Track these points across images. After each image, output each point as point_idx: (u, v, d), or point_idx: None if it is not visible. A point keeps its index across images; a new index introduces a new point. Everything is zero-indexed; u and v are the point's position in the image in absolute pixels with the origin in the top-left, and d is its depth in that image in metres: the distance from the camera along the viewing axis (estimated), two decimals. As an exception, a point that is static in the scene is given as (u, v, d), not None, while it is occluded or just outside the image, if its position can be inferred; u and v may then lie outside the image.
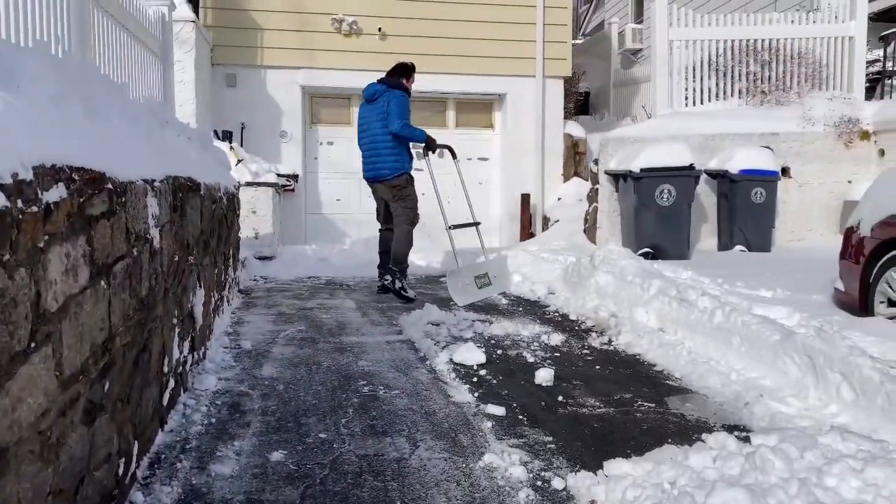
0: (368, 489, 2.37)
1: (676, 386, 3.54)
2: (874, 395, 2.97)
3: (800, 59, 8.82)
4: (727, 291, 4.92)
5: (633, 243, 7.15)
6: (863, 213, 4.57)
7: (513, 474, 2.48)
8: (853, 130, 8.31)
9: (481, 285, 5.47)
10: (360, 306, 5.61)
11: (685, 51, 8.76)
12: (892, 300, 4.21)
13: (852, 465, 2.11)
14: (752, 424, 2.98)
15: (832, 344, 3.34)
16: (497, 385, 3.54)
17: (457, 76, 9.29)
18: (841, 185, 8.34)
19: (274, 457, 2.60)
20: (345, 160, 9.44)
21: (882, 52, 9.67)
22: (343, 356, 4.02)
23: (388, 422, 2.99)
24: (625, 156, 7.49)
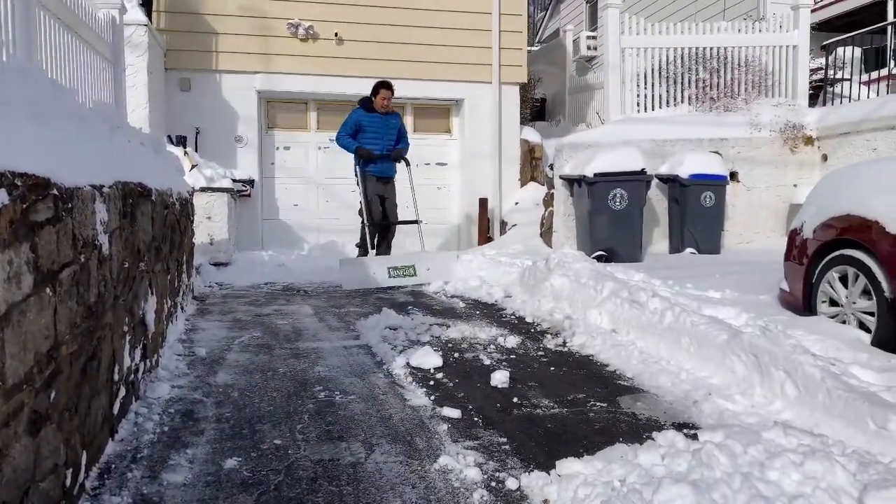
0: (323, 494, 2.37)
1: (628, 386, 3.61)
2: (816, 392, 3.08)
3: (747, 67, 9.08)
4: (677, 293, 5.03)
5: (587, 246, 7.27)
6: (806, 216, 4.73)
7: (468, 476, 2.51)
8: (798, 136, 8.59)
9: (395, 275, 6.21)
10: (317, 312, 5.58)
11: (637, 58, 8.94)
12: (833, 300, 4.36)
13: (793, 459, 2.19)
14: (701, 422, 3.06)
15: (777, 343, 3.45)
16: (453, 388, 3.56)
17: (415, 81, 9.33)
18: (787, 188, 8.61)
19: (228, 464, 2.58)
20: (302, 165, 9.40)
21: (824, 60, 10.01)
22: (299, 362, 4.00)
23: (343, 427, 2.99)
24: (579, 161, 7.61)
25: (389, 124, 7.42)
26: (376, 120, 7.31)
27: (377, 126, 7.31)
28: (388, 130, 7.40)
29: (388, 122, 7.41)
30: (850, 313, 4.19)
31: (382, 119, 7.35)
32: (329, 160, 9.48)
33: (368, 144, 7.20)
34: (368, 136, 7.26)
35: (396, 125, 7.55)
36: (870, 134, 7.84)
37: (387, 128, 7.38)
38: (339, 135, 7.34)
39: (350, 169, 9.40)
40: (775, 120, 8.61)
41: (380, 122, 7.33)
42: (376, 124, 7.31)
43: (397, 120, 7.63)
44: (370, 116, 7.30)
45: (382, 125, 7.34)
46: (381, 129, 7.33)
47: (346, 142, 7.25)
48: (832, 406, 2.97)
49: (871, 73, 9.93)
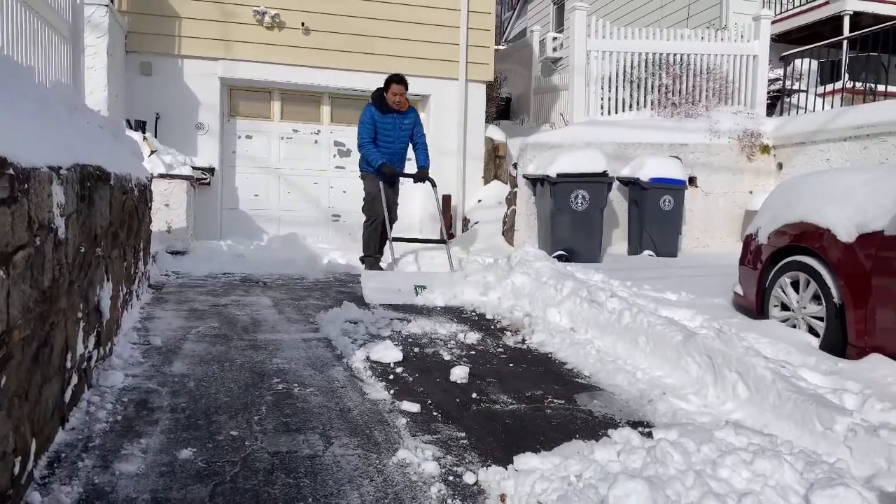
0: (280, 486, 2.35)
1: (585, 384, 3.67)
2: (766, 393, 3.16)
3: (708, 75, 9.28)
4: (635, 294, 5.12)
5: (548, 246, 7.34)
6: (761, 222, 4.85)
7: (426, 470, 2.51)
8: (755, 144, 8.80)
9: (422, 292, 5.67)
10: (276, 304, 5.52)
11: (602, 61, 9.06)
12: (785, 304, 4.49)
13: (743, 458, 2.25)
14: (656, 420, 3.12)
15: (730, 345, 3.54)
16: (413, 382, 3.57)
17: (381, 75, 9.24)
18: (743, 195, 8.82)
19: (183, 454, 2.54)
20: (264, 155, 9.29)
21: (782, 71, 10.27)
22: (257, 353, 3.96)
23: (301, 419, 2.97)
24: (542, 161, 7.68)
25: (403, 126, 6.84)
26: (389, 122, 6.76)
27: (389, 129, 6.78)
28: (401, 133, 6.86)
29: (401, 123, 6.82)
30: (800, 318, 4.32)
31: (395, 120, 6.79)
32: (292, 151, 9.39)
33: (380, 149, 6.73)
34: (382, 141, 6.76)
35: (410, 125, 6.89)
36: (823, 144, 8.08)
37: (399, 130, 6.83)
38: (360, 140, 6.76)
39: (314, 160, 9.41)
40: (734, 127, 8.81)
41: (392, 125, 6.78)
42: (389, 126, 6.77)
43: (412, 118, 6.94)
44: (384, 118, 6.74)
45: (395, 128, 6.80)
46: (393, 131, 6.81)
47: (371, 151, 6.68)
48: (782, 407, 3.05)
49: (827, 86, 10.23)
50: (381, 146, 6.74)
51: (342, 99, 9.58)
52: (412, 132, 6.92)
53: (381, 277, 6.01)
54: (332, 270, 7.44)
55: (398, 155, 6.89)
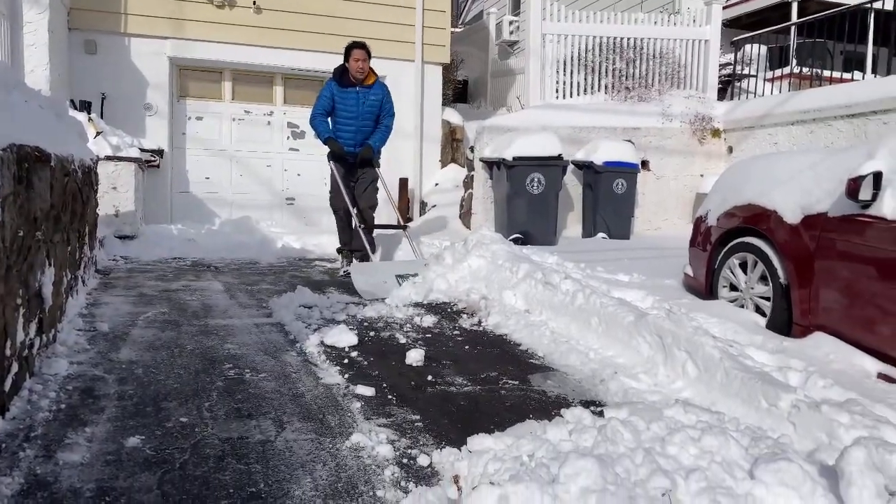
0: (231, 472, 2.31)
1: (539, 364, 3.70)
2: (714, 371, 3.23)
3: (661, 59, 9.39)
4: (589, 276, 5.18)
5: (504, 229, 7.37)
6: (710, 205, 4.95)
7: (379, 453, 2.50)
8: (706, 128, 8.96)
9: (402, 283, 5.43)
10: (228, 288, 5.43)
11: (557, 45, 9.08)
12: (733, 285, 4.59)
13: (691, 435, 2.30)
14: (607, 400, 3.16)
15: (680, 324, 3.60)
16: (368, 366, 3.55)
17: (335, 55, 9.11)
18: (694, 178, 8.98)
19: (130, 442, 2.48)
20: (215, 137, 9.09)
21: (733, 56, 10.45)
22: (208, 339, 3.88)
23: (254, 405, 2.93)
24: (499, 144, 7.69)
25: (368, 101, 6.24)
26: (351, 97, 6.19)
27: (352, 103, 6.21)
28: (366, 109, 6.26)
29: (365, 97, 6.22)
30: (748, 298, 4.43)
31: (359, 95, 6.21)
32: (244, 132, 9.21)
33: (340, 128, 6.25)
34: (341, 117, 6.24)
35: (377, 101, 6.29)
36: (772, 129, 8.26)
37: (363, 106, 6.24)
38: (312, 113, 6.31)
39: (267, 142, 9.25)
40: (686, 111, 8.94)
41: (355, 99, 6.21)
42: (350, 102, 6.20)
43: (379, 94, 6.31)
44: (344, 93, 6.18)
45: (357, 102, 6.22)
46: (356, 107, 6.22)
47: (320, 124, 6.24)
48: (729, 385, 3.13)
49: (776, 71, 10.45)
50: (341, 123, 6.26)
51: (295, 80, 9.43)
52: (380, 109, 6.34)
53: (368, 270, 5.61)
54: (286, 255, 7.35)
55: (363, 133, 6.31)
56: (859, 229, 3.55)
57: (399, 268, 5.70)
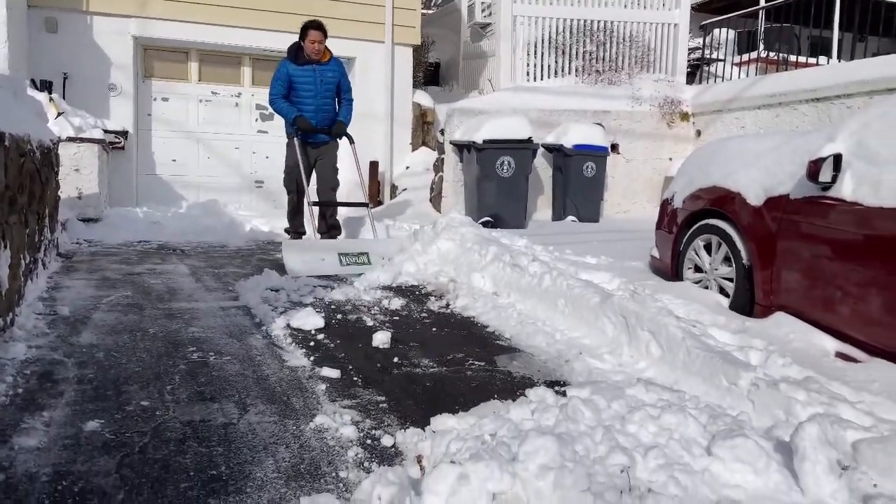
0: (192, 455, 2.29)
1: (506, 345, 3.71)
2: (677, 351, 3.28)
3: (631, 42, 9.42)
4: (557, 258, 5.20)
5: (475, 212, 7.37)
6: (676, 187, 4.99)
7: (343, 434, 2.50)
8: (675, 111, 9.02)
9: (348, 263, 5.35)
10: (193, 272, 5.36)
11: (528, 27, 9.07)
12: (698, 266, 4.65)
13: (651, 413, 2.33)
14: (572, 379, 3.19)
15: (644, 305, 3.64)
16: (334, 349, 3.54)
17: (303, 36, 9.02)
18: (663, 161, 9.05)
19: (89, 426, 2.45)
20: (181, 118, 8.94)
21: (702, 40, 10.52)
22: (172, 322, 3.84)
23: (217, 388, 2.90)
24: (469, 127, 7.67)
25: (325, 78, 6.21)
26: (308, 74, 6.15)
27: (309, 81, 6.16)
28: (324, 86, 6.23)
29: (323, 74, 6.20)
30: (712, 279, 4.49)
31: (316, 72, 6.18)
32: (212, 114, 9.06)
33: (300, 107, 6.19)
34: (300, 95, 6.18)
35: (335, 78, 6.28)
36: (739, 112, 8.35)
37: (321, 84, 6.21)
38: (270, 95, 6.25)
39: (235, 124, 9.11)
40: (655, 95, 9.00)
41: (312, 77, 6.17)
42: (308, 79, 6.16)
43: (336, 71, 6.30)
44: (301, 70, 6.14)
45: (314, 81, 6.18)
46: (314, 85, 6.18)
47: (282, 106, 6.16)
48: (691, 364, 3.17)
49: (744, 55, 10.55)
50: (301, 102, 6.18)
51: (264, 61, 9.28)
52: (338, 86, 6.32)
53: (302, 247, 5.60)
54: (255, 238, 7.28)
55: (323, 111, 6.28)
56: (819, 211, 3.61)
57: (344, 246, 5.59)
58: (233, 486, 2.12)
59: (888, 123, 3.38)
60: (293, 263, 5.23)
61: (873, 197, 3.30)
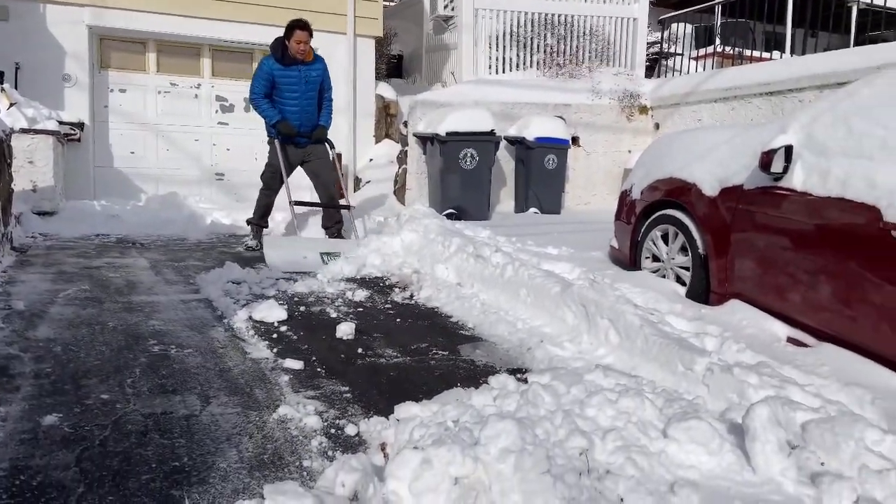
0: (154, 447, 2.28)
1: (469, 335, 3.75)
2: (635, 338, 3.35)
3: (591, 36, 9.52)
4: (519, 249, 5.26)
5: (438, 204, 7.39)
6: (635, 179, 5.08)
7: (307, 424, 2.51)
8: (634, 104, 9.16)
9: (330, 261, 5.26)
10: (153, 265, 5.29)
11: (490, 20, 9.10)
12: (655, 256, 4.74)
13: (609, 397, 2.39)
14: (533, 367, 3.24)
15: (603, 294, 3.71)
16: (297, 340, 3.54)
17: (265, 27, 8.88)
18: (622, 154, 9.18)
19: (47, 420, 2.42)
20: (139, 110, 8.76)
21: (660, 34, 10.69)
22: (132, 316, 3.79)
23: (179, 380, 2.89)
24: (432, 119, 7.68)
25: (310, 78, 6.00)
26: (293, 75, 5.92)
27: (294, 82, 5.93)
28: (309, 87, 6.01)
29: (307, 75, 5.97)
30: (669, 268, 4.58)
31: (301, 73, 5.95)
32: (171, 105, 8.91)
33: (284, 108, 5.95)
34: (284, 96, 5.94)
35: (318, 78, 6.07)
36: (696, 105, 8.51)
37: (307, 84, 5.98)
38: (252, 94, 5.96)
39: (195, 116, 8.98)
40: (615, 88, 9.11)
41: (297, 78, 5.93)
42: (293, 80, 5.92)
43: (319, 69, 6.10)
44: (286, 71, 5.89)
45: (300, 81, 5.95)
46: (299, 85, 5.95)
47: (265, 108, 5.90)
48: (648, 350, 3.25)
49: (700, 50, 10.74)
50: (285, 103, 5.96)
51: (224, 52, 9.15)
52: (321, 85, 6.12)
53: (286, 244, 5.46)
54: (216, 231, 7.20)
55: (307, 113, 6.06)
56: (772, 201, 3.72)
57: (326, 245, 5.55)
58: (196, 477, 2.12)
59: (836, 117, 3.49)
60: (275, 260, 5.16)
61: (822, 187, 3.41)
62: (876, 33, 9.54)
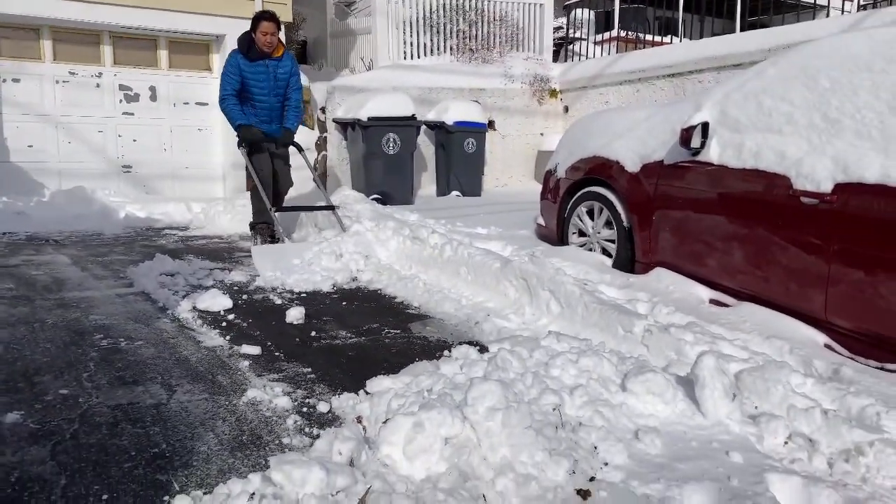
0: (128, 437, 2.27)
1: (416, 314, 3.86)
2: (576, 307, 3.56)
3: (501, 22, 9.76)
4: (450, 230, 5.40)
5: (363, 190, 7.41)
6: (559, 159, 5.31)
7: (278, 405, 2.56)
8: (544, 88, 9.47)
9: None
10: (76, 261, 5.08)
11: (402, 6, 9.15)
12: (582, 231, 4.99)
13: (570, 358, 2.56)
14: (483, 339, 3.39)
15: (542, 267, 3.90)
16: (248, 327, 3.54)
17: (169, 12, 8.59)
18: (535, 137, 9.49)
19: (9, 418, 2.35)
20: (36, 101, 8.28)
21: (565, 20, 11.06)
22: (69, 312, 3.67)
23: (137, 371, 2.85)
24: (352, 105, 7.69)
25: (278, 75, 5.67)
26: (261, 71, 5.59)
27: (262, 79, 5.61)
28: (278, 84, 5.69)
29: (275, 71, 5.65)
30: (595, 242, 4.84)
31: (269, 68, 5.62)
32: (71, 96, 8.47)
33: (252, 107, 5.67)
34: (252, 94, 5.63)
35: (285, 75, 5.72)
36: (603, 88, 8.90)
37: (275, 80, 5.67)
38: (221, 93, 5.60)
39: (97, 106, 8.56)
40: (526, 73, 9.39)
41: (265, 75, 5.61)
42: (261, 77, 5.60)
43: (288, 66, 5.74)
44: (253, 67, 5.55)
45: (268, 77, 5.63)
46: (268, 82, 5.64)
47: (231, 109, 5.55)
48: (589, 317, 3.47)
49: (602, 34, 11.19)
50: (253, 101, 5.66)
51: (126, 39, 8.76)
52: (288, 83, 5.76)
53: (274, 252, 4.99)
54: (132, 225, 6.96)
55: (276, 111, 5.78)
56: (690, 174, 4.01)
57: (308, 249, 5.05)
58: (178, 461, 2.14)
59: (746, 94, 3.81)
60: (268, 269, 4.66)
61: (736, 159, 3.72)
62: (762, 18, 10.25)
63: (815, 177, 3.28)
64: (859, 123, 3.18)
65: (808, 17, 8.41)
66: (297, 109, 5.86)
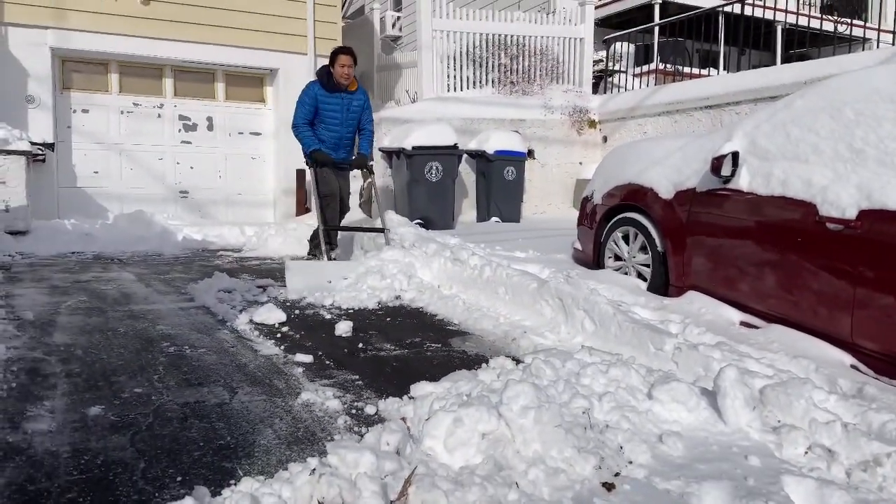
0: (197, 430, 2.53)
1: (456, 330, 4.08)
2: (609, 325, 3.74)
3: (542, 55, 10.05)
4: (490, 254, 5.61)
5: (406, 215, 7.67)
6: (595, 186, 5.51)
7: (329, 406, 2.79)
8: (583, 119, 9.70)
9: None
10: (140, 278, 5.45)
11: (446, 41, 9.53)
12: (617, 255, 5.16)
13: (600, 368, 2.75)
14: (520, 354, 3.57)
15: (577, 288, 4.09)
16: (300, 339, 3.80)
17: (226, 48, 9.15)
18: (574, 165, 9.70)
19: (92, 411, 2.63)
20: (102, 130, 8.85)
21: (604, 53, 11.30)
22: (138, 322, 3.99)
23: (201, 375, 3.12)
24: (397, 135, 8.02)
25: (351, 107, 6.05)
26: (336, 102, 5.98)
27: (337, 110, 6.00)
28: (350, 115, 6.08)
29: (349, 104, 6.03)
30: (631, 266, 5.01)
31: (343, 101, 6.01)
32: (134, 125, 9.02)
33: (323, 134, 6.01)
34: (326, 123, 6.00)
35: (359, 108, 6.11)
36: (641, 119, 9.08)
37: (348, 112, 6.05)
38: (295, 120, 6.00)
39: (158, 135, 9.07)
40: (565, 104, 9.64)
41: (339, 106, 6.00)
42: (336, 108, 5.99)
43: (361, 100, 6.14)
44: (330, 97, 5.95)
45: (343, 109, 6.02)
46: (341, 113, 6.02)
47: (306, 136, 5.93)
48: (622, 335, 3.64)
49: (642, 67, 11.40)
50: (325, 130, 6.02)
51: (186, 72, 9.32)
52: (361, 115, 6.16)
53: (307, 270, 5.22)
54: (189, 246, 7.36)
55: (345, 140, 6.13)
56: (721, 201, 4.17)
57: (347, 269, 5.30)
58: (242, 452, 2.38)
59: (774, 125, 3.98)
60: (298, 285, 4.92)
61: (765, 187, 3.88)
62: (801, 51, 10.33)
63: (840, 204, 3.42)
64: (882, 153, 3.33)
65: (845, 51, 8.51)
66: (371, 138, 6.26)
